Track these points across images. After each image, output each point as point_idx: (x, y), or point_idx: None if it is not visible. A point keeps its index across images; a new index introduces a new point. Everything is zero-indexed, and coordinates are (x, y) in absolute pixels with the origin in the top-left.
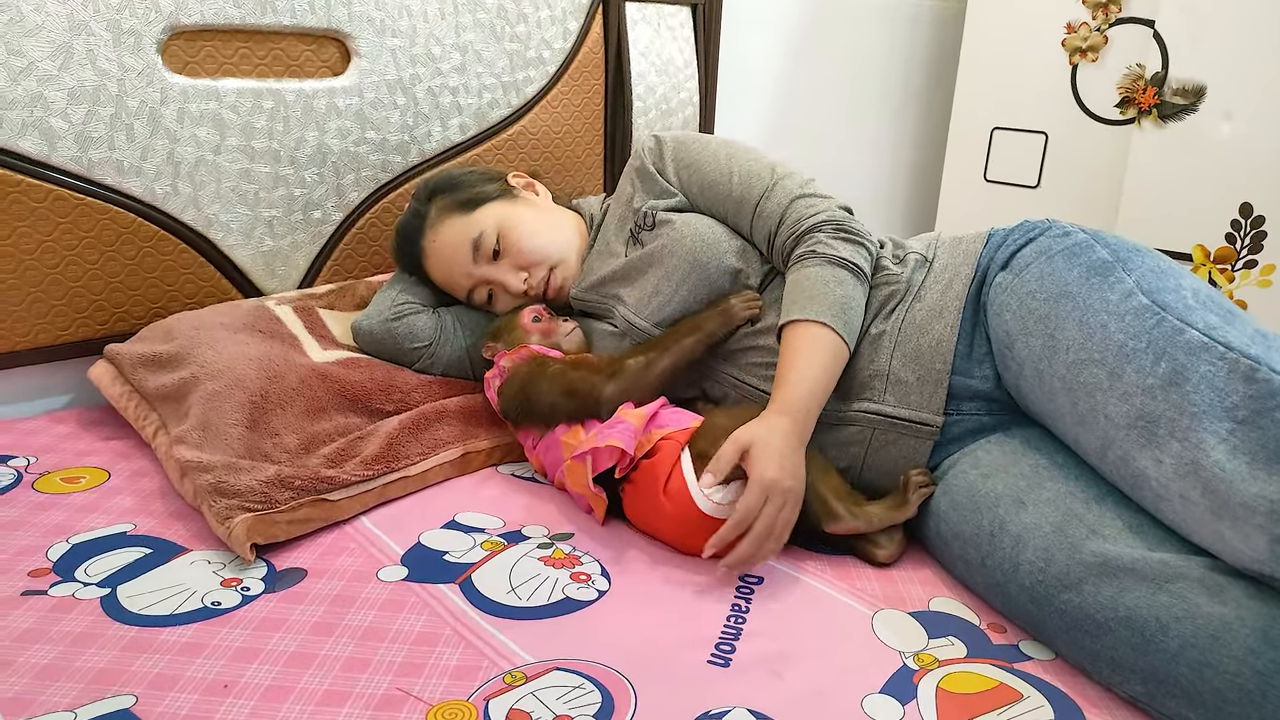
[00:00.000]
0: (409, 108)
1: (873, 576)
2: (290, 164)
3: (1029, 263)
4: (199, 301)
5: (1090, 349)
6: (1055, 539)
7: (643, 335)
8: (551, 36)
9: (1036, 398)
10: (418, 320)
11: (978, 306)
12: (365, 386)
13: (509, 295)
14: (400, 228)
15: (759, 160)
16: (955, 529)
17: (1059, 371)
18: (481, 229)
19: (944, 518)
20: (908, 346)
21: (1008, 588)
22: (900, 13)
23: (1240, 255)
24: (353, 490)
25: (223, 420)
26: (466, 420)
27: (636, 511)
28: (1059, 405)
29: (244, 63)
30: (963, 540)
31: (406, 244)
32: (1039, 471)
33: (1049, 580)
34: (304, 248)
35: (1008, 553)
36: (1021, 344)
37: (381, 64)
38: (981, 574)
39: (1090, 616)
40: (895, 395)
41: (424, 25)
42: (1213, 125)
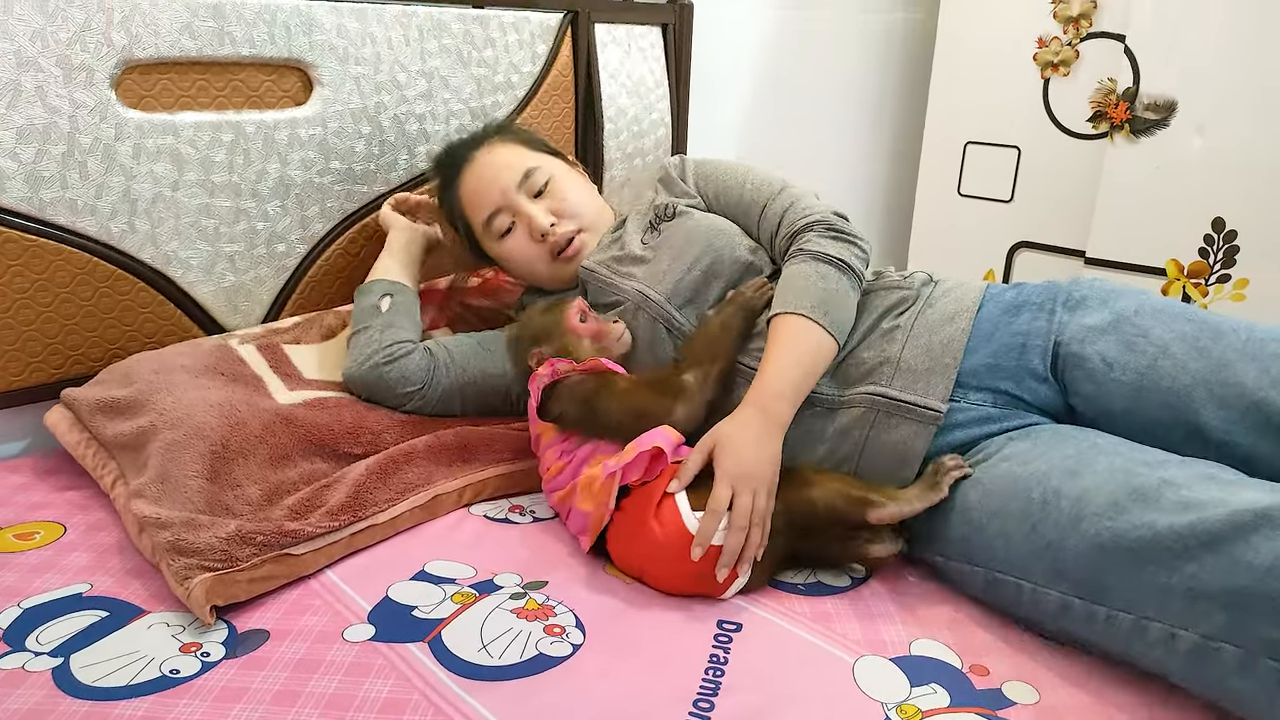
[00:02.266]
0: (374, 136)
1: (852, 617)
2: (252, 197)
3: (1118, 290)
4: (159, 341)
5: (1267, 331)
6: (1123, 493)
7: (657, 309)
8: (520, 60)
9: (1194, 366)
10: (409, 363)
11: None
12: (333, 430)
13: (528, 236)
14: (452, 142)
15: (771, 174)
16: (994, 509)
17: (1235, 345)
18: (539, 164)
19: (976, 507)
20: (919, 341)
21: (1065, 542)
22: (871, 28)
23: (1213, 269)
24: (318, 543)
25: (182, 472)
26: (435, 460)
27: (621, 539)
28: (1240, 372)
29: (202, 95)
30: (1004, 517)
31: (454, 151)
32: (1084, 452)
33: (1119, 525)
34: (267, 282)
35: (1066, 512)
36: (1164, 329)
37: (345, 93)
38: (1028, 541)
39: (1168, 547)
40: (902, 380)
41: (388, 52)
42: (1184, 140)
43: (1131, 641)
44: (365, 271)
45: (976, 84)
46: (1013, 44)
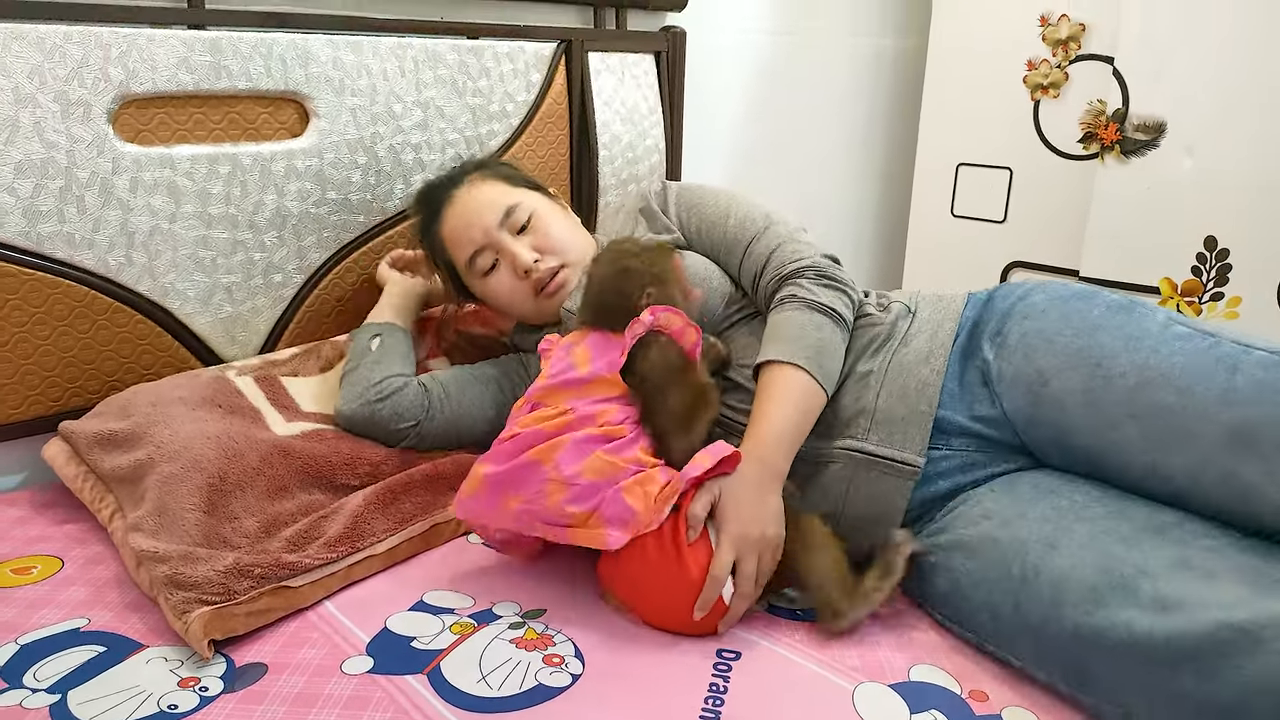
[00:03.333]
0: (370, 166)
1: (851, 644)
2: (249, 228)
3: (1043, 308)
4: (156, 372)
5: (1149, 372)
6: (1101, 579)
7: None
8: (514, 89)
9: (1090, 429)
10: (402, 399)
11: (970, 351)
12: (330, 461)
13: (511, 273)
14: (431, 181)
15: (756, 207)
16: (977, 578)
17: (1118, 398)
18: (520, 201)
19: (962, 570)
20: (894, 385)
21: (1046, 629)
22: (862, 52)
23: (1206, 288)
24: (315, 575)
25: (179, 505)
26: (434, 489)
27: (627, 562)
28: (1125, 433)
29: (198, 128)
30: (988, 588)
31: (433, 191)
32: (1062, 514)
33: (1098, 621)
34: (265, 312)
35: (1047, 596)
36: (1061, 379)
37: (341, 124)
38: (1013, 621)
39: (1148, 654)
40: (879, 433)
41: (384, 84)
42: (1175, 160)
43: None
44: (363, 300)
45: (967, 106)
46: (1002, 67)
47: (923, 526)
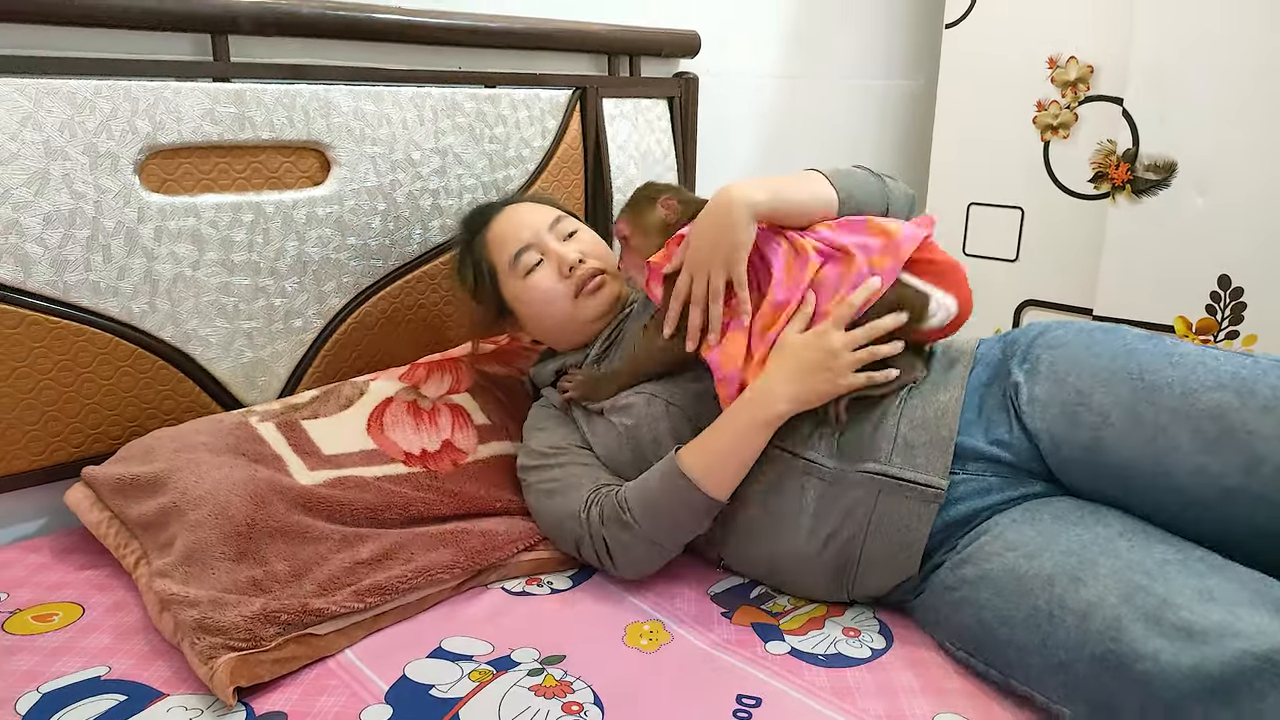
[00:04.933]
0: (389, 213)
1: (873, 690)
2: (270, 275)
3: (1068, 340)
4: (177, 417)
5: (1196, 380)
6: (1126, 611)
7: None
8: (530, 136)
9: (1132, 438)
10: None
11: (992, 380)
12: (356, 508)
13: (555, 272)
14: (481, 204)
15: None
16: (1004, 615)
17: (1167, 404)
18: (568, 218)
19: (987, 605)
20: (914, 413)
21: (1074, 666)
22: (871, 94)
23: (1221, 326)
24: (341, 623)
25: (209, 553)
26: (465, 546)
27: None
28: (1172, 438)
29: (222, 177)
30: (1014, 625)
31: (484, 208)
32: (1086, 547)
33: (1123, 649)
34: (285, 357)
35: (1072, 630)
36: (1102, 393)
37: (361, 172)
38: (1040, 656)
39: (1174, 685)
40: (901, 457)
41: (403, 132)
42: (1187, 199)
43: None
44: (381, 344)
45: (977, 147)
46: (1012, 107)
47: (945, 556)
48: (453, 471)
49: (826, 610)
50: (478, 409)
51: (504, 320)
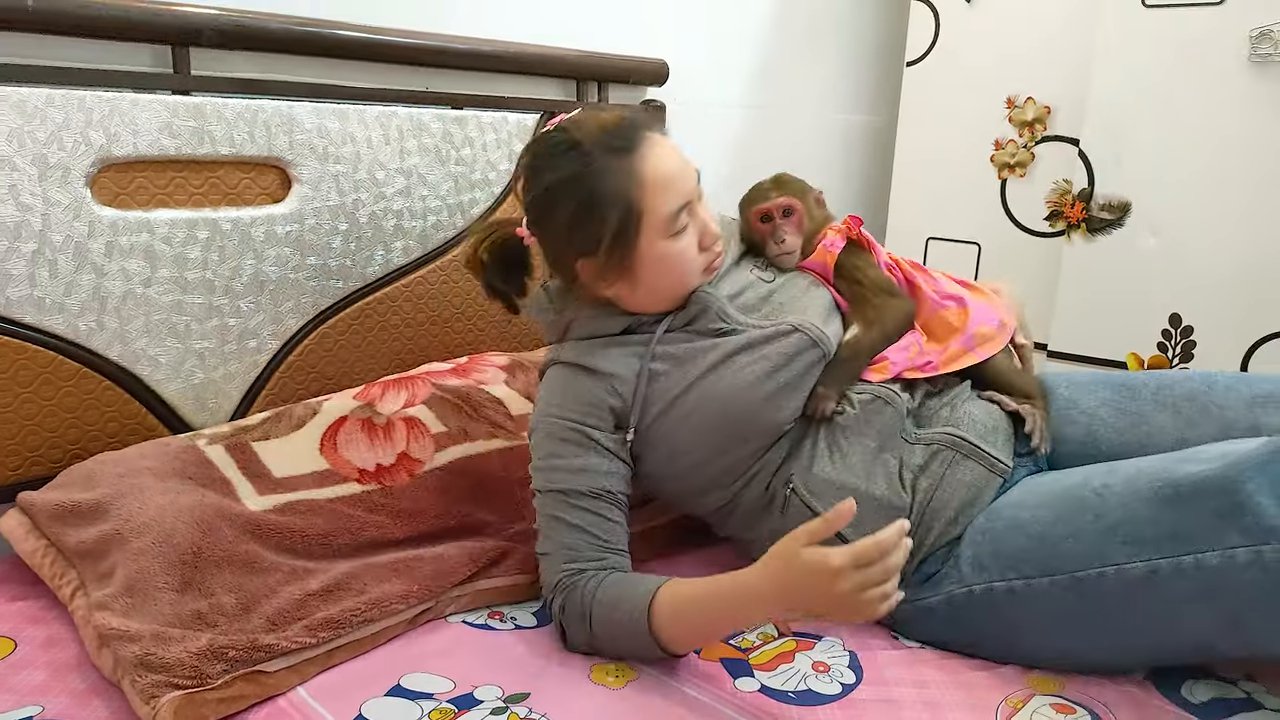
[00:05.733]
0: (351, 233)
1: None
2: (225, 294)
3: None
4: (122, 440)
5: (1173, 375)
6: (1168, 461)
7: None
8: (497, 159)
9: (1121, 428)
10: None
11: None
12: (307, 535)
13: (694, 240)
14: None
15: None
16: (1051, 518)
17: (1148, 396)
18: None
19: (1031, 520)
20: (972, 406)
21: (1133, 514)
22: (835, 127)
23: (1172, 363)
24: (293, 659)
25: (152, 583)
26: (418, 574)
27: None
28: (1155, 423)
29: (178, 192)
30: (1065, 520)
31: (628, 126)
32: (1100, 470)
33: (1175, 476)
34: (238, 378)
35: (1122, 493)
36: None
37: (323, 190)
38: (1096, 529)
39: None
40: (974, 431)
41: (368, 151)
42: (1140, 239)
43: (1226, 574)
44: (339, 367)
45: (936, 182)
46: (970, 145)
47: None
48: (408, 484)
49: (796, 644)
50: (434, 419)
51: (610, 280)
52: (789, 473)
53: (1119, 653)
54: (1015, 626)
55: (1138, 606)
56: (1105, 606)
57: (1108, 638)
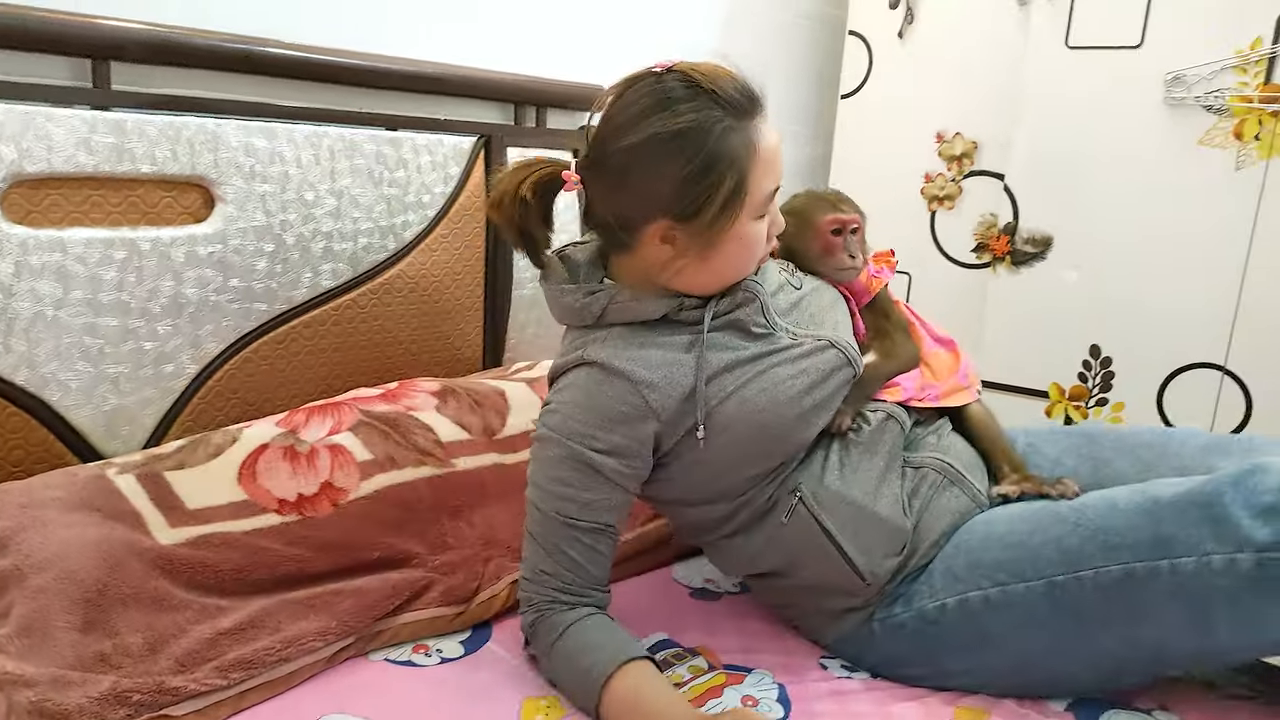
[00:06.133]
0: (277, 254)
1: None
2: (141, 316)
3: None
4: (27, 469)
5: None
6: (1143, 483)
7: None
8: (432, 181)
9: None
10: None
11: None
12: (221, 570)
13: (765, 231)
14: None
15: None
16: (1029, 528)
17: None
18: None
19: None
20: (956, 440)
21: (1112, 522)
22: None
23: (1092, 393)
24: (201, 702)
25: (51, 623)
26: (337, 609)
27: None
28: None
29: (95, 211)
30: (1043, 529)
31: (752, 97)
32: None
33: (1155, 490)
34: (153, 404)
35: (1101, 506)
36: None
37: (249, 210)
38: (1077, 536)
39: (1203, 491)
40: (959, 462)
41: (297, 171)
42: (1061, 273)
43: (1200, 579)
44: (261, 392)
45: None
46: (902, 178)
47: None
48: (331, 514)
49: (725, 678)
50: (360, 445)
51: (686, 251)
52: (797, 481)
53: (1075, 660)
54: (984, 635)
55: (1109, 609)
56: (1077, 610)
57: (1071, 643)
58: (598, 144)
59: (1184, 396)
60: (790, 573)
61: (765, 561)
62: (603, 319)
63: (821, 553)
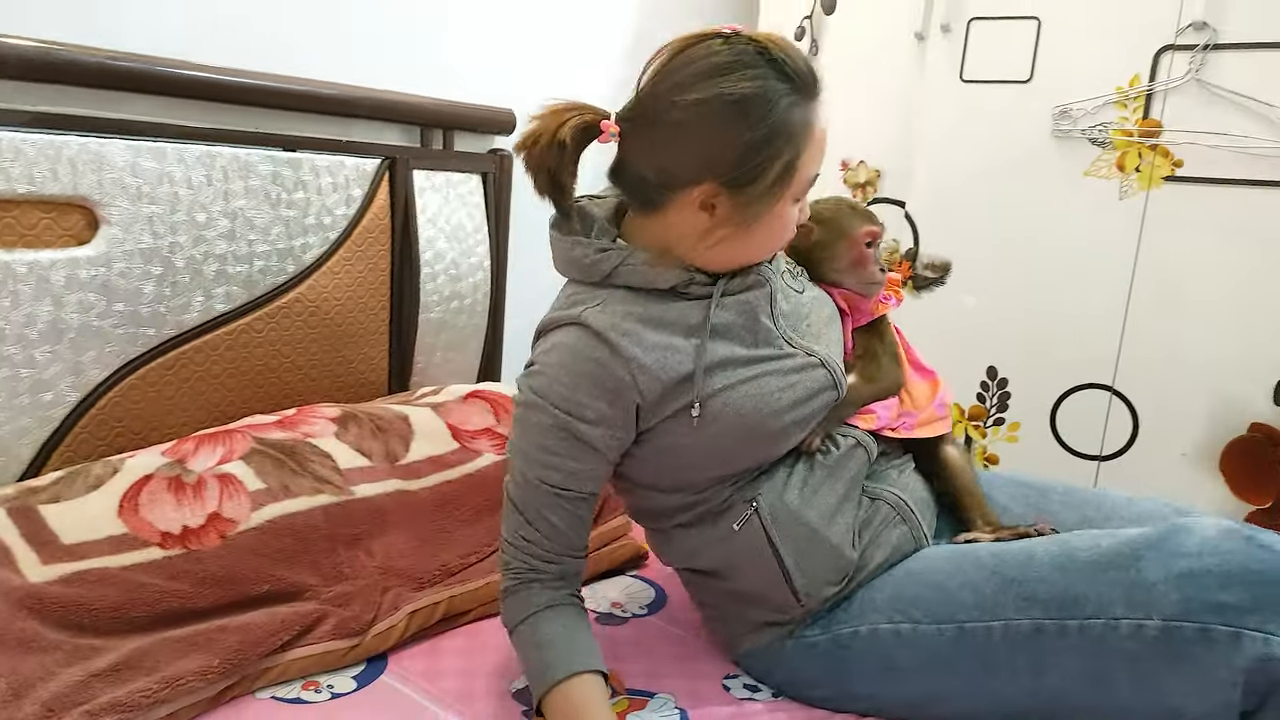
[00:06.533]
0: (166, 278)
1: None
2: (17, 342)
3: None
4: None
5: (1082, 488)
6: (1064, 537)
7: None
8: (333, 203)
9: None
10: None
11: None
12: (96, 608)
13: (795, 218)
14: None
15: None
16: (949, 569)
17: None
18: None
19: (927, 570)
20: (913, 478)
21: (1028, 575)
22: None
23: (990, 414)
24: None
25: None
26: (220, 646)
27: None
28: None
29: None
30: (962, 573)
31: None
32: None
33: (1071, 548)
34: (30, 434)
35: (1019, 556)
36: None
37: (135, 232)
38: (993, 584)
39: (1119, 553)
40: (914, 500)
41: (187, 192)
42: (960, 297)
43: (1104, 643)
44: (148, 421)
45: None
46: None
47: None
48: (218, 547)
49: (629, 704)
50: (252, 475)
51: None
52: (755, 491)
53: (977, 702)
54: (891, 666)
55: (1014, 660)
56: (984, 657)
57: (974, 687)
58: (650, 97)
59: (1075, 416)
60: (728, 576)
61: (705, 559)
62: (609, 279)
63: (765, 567)
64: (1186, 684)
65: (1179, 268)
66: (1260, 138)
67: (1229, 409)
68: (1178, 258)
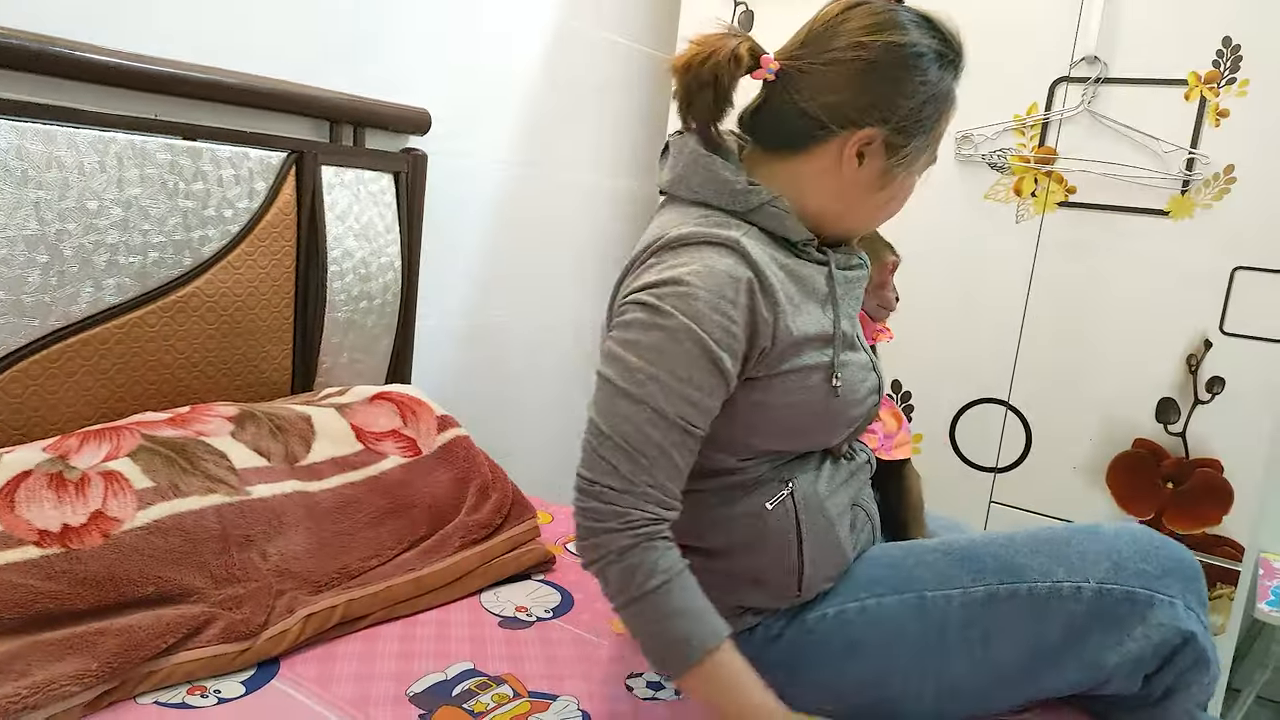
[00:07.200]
0: (52, 266)
1: None
2: None
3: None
4: None
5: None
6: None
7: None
8: (235, 196)
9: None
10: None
11: None
12: None
13: (908, 192)
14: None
15: None
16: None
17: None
18: None
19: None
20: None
21: (975, 550)
22: (600, 190)
23: None
24: None
25: None
26: (99, 650)
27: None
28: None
29: None
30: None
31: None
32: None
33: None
34: None
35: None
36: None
37: (20, 218)
38: (947, 560)
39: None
40: (875, 513)
41: (78, 178)
42: None
43: (1050, 602)
44: (30, 415)
45: None
46: None
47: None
48: (101, 547)
49: (530, 706)
50: (139, 473)
51: (882, 173)
52: (793, 473)
53: (920, 681)
54: (852, 644)
55: (968, 629)
56: (940, 625)
57: (921, 661)
58: (830, 35)
59: (973, 428)
60: (735, 555)
61: (720, 534)
62: (755, 215)
63: (785, 550)
64: (1111, 638)
65: (1071, 289)
66: (1144, 168)
67: (1115, 425)
68: (1070, 279)
